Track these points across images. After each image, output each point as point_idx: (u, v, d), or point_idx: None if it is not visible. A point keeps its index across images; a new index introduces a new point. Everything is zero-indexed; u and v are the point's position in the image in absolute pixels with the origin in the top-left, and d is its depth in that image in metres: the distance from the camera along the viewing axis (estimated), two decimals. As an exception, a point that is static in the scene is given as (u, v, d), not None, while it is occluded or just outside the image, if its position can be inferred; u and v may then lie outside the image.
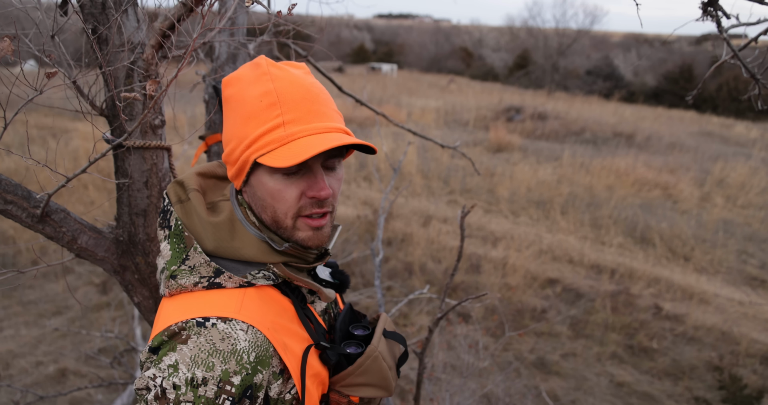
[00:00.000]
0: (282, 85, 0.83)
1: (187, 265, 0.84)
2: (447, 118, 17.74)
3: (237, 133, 0.84)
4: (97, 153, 1.16)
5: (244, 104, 0.83)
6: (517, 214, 9.10)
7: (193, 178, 0.92)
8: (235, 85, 0.86)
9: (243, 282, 0.85)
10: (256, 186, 0.86)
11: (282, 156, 0.79)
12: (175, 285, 0.84)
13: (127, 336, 4.86)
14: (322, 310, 1.01)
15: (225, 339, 0.76)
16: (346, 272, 1.07)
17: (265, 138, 0.81)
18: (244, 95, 0.84)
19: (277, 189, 0.84)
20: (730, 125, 19.32)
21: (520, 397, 4.39)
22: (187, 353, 0.74)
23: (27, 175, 5.34)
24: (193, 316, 0.79)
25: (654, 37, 44.99)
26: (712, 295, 6.43)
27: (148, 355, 0.78)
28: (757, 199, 10.26)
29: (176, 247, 0.86)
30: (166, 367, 0.74)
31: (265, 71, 0.84)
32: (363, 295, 5.63)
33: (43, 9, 1.11)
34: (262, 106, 0.82)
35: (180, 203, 0.88)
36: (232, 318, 0.79)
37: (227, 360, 0.75)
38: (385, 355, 0.98)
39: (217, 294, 0.83)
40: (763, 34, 1.26)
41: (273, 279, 0.88)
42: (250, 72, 0.85)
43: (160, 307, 0.88)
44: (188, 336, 0.76)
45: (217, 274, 0.84)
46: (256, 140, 0.82)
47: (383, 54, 42.09)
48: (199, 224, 0.86)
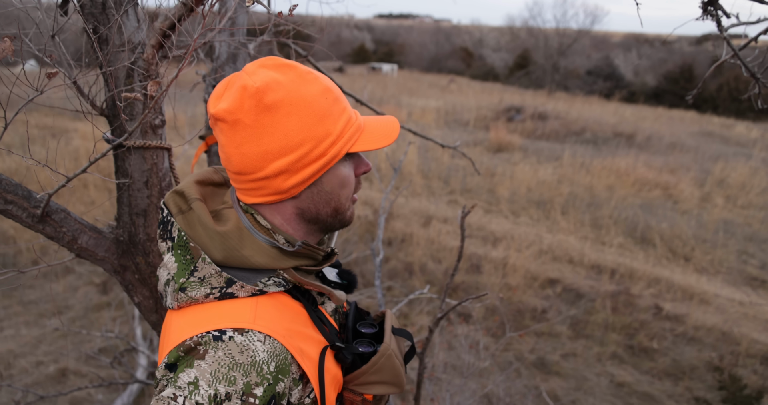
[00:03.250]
0: (327, 81, 0.87)
1: (197, 276, 0.82)
2: (447, 118, 17.74)
3: (312, 134, 0.82)
4: (97, 153, 1.16)
5: (309, 105, 0.82)
6: (518, 214, 9.10)
7: (192, 187, 0.90)
8: (280, 89, 0.80)
9: (255, 290, 0.83)
10: (328, 182, 0.88)
11: (372, 140, 0.88)
12: (185, 298, 0.82)
13: (128, 336, 4.86)
14: (332, 310, 1.01)
15: (244, 351, 0.75)
16: (353, 272, 1.08)
17: (348, 130, 0.86)
18: (304, 96, 0.81)
19: (346, 175, 0.90)
20: (730, 125, 19.31)
21: (521, 397, 4.39)
22: (206, 369, 0.73)
23: (27, 174, 5.34)
24: (208, 329, 0.77)
25: (654, 37, 44.99)
26: (713, 296, 6.43)
27: (164, 372, 0.75)
28: (757, 199, 10.26)
29: (182, 258, 0.84)
30: (185, 385, 0.72)
31: (306, 70, 0.85)
32: (363, 295, 5.63)
33: (43, 9, 1.11)
34: (329, 102, 0.84)
35: (182, 214, 0.86)
36: (248, 329, 0.78)
37: (248, 373, 0.73)
38: (396, 353, 1.00)
39: (230, 304, 0.82)
40: (763, 34, 1.26)
41: (284, 285, 0.87)
42: (289, 73, 0.83)
43: (168, 321, 0.86)
44: (206, 351, 0.74)
45: (229, 284, 0.82)
46: (342, 133, 0.85)
47: (383, 54, 42.10)
48: (205, 234, 0.84)
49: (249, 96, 0.79)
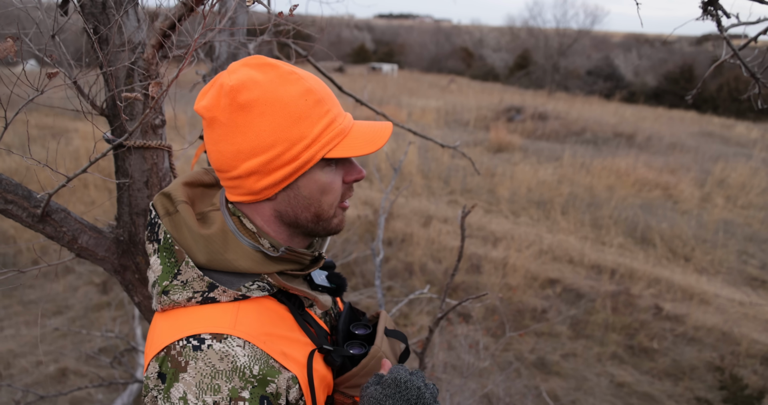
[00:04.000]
0: (313, 82, 0.83)
1: (179, 280, 0.82)
2: (447, 118, 17.74)
3: (285, 136, 0.80)
4: (97, 153, 1.16)
5: (285, 106, 0.80)
6: (518, 214, 9.10)
7: (180, 188, 0.90)
8: (256, 88, 0.80)
9: (238, 295, 0.83)
10: (305, 186, 0.85)
11: (353, 146, 0.83)
12: (167, 301, 0.82)
13: (128, 335, 4.86)
14: (322, 312, 1.00)
15: (223, 358, 0.75)
16: (343, 275, 1.06)
17: (327, 134, 0.82)
18: (280, 97, 0.80)
19: (328, 181, 0.86)
20: (730, 126, 19.32)
21: (521, 397, 4.39)
22: (191, 382, 0.74)
23: (27, 174, 5.34)
24: (186, 334, 0.78)
25: (654, 37, 44.98)
26: (713, 296, 6.43)
27: (156, 382, 0.76)
28: (757, 199, 10.26)
29: (167, 261, 0.83)
30: (177, 400, 0.73)
31: (289, 70, 0.83)
32: (363, 295, 5.63)
33: (43, 9, 1.11)
34: (309, 104, 0.81)
35: (168, 216, 0.86)
36: (227, 334, 0.78)
37: (230, 379, 0.74)
38: (388, 355, 0.98)
39: (211, 309, 0.81)
40: (762, 34, 1.26)
41: (268, 289, 0.87)
42: (269, 73, 0.82)
43: (154, 323, 0.86)
44: (187, 362, 0.75)
45: (211, 289, 0.82)
46: (319, 137, 0.81)
47: (384, 54, 42.09)
48: (189, 237, 0.84)
49: (224, 94, 0.79)
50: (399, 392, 0.82)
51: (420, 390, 0.83)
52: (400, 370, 0.85)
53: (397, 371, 0.85)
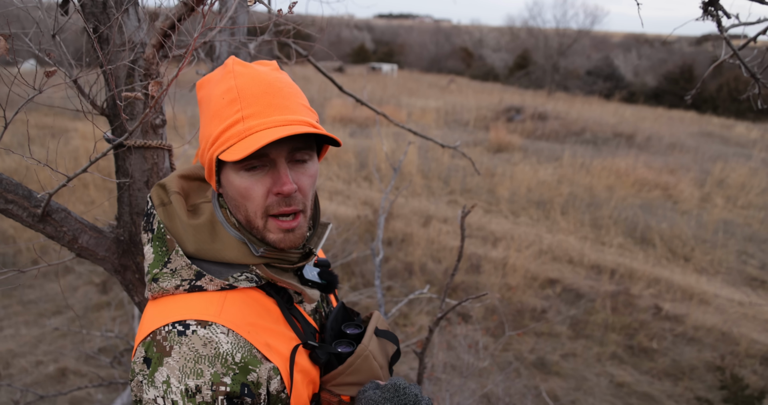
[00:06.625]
0: (243, 82, 0.82)
1: (169, 268, 0.84)
2: (447, 118, 17.74)
3: (205, 133, 0.85)
4: (97, 152, 1.16)
5: (210, 104, 0.84)
6: (518, 215, 9.10)
7: (174, 180, 0.92)
8: (205, 86, 0.87)
9: (225, 285, 0.84)
10: (227, 185, 0.86)
11: (238, 150, 0.78)
12: (157, 288, 0.84)
13: (128, 335, 4.86)
14: (312, 309, 1.00)
15: (207, 344, 0.77)
16: (335, 273, 1.06)
17: (225, 134, 0.81)
18: (210, 95, 0.85)
19: (243, 187, 0.83)
20: (730, 126, 19.32)
21: (520, 397, 4.39)
22: (174, 365, 0.75)
23: (27, 174, 5.34)
24: (172, 320, 0.79)
25: (654, 37, 45.00)
26: (712, 296, 6.43)
27: (141, 366, 0.78)
28: (757, 199, 10.26)
29: (158, 250, 0.86)
30: (160, 384, 0.75)
31: (230, 70, 0.84)
32: (363, 295, 5.63)
33: (43, 8, 1.11)
34: (224, 103, 0.82)
35: (162, 206, 0.88)
36: (211, 322, 0.79)
37: (213, 364, 0.76)
38: (376, 354, 0.97)
39: (198, 297, 0.83)
40: (762, 34, 1.26)
41: (256, 281, 0.87)
42: (218, 72, 0.86)
43: (145, 311, 0.88)
44: (171, 347, 0.77)
45: (198, 277, 0.83)
46: (219, 137, 0.82)
47: (383, 54, 42.07)
48: (180, 227, 0.86)
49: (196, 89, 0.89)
50: (397, 396, 0.85)
51: (417, 397, 0.86)
52: (399, 379, 0.89)
53: (397, 379, 0.89)
